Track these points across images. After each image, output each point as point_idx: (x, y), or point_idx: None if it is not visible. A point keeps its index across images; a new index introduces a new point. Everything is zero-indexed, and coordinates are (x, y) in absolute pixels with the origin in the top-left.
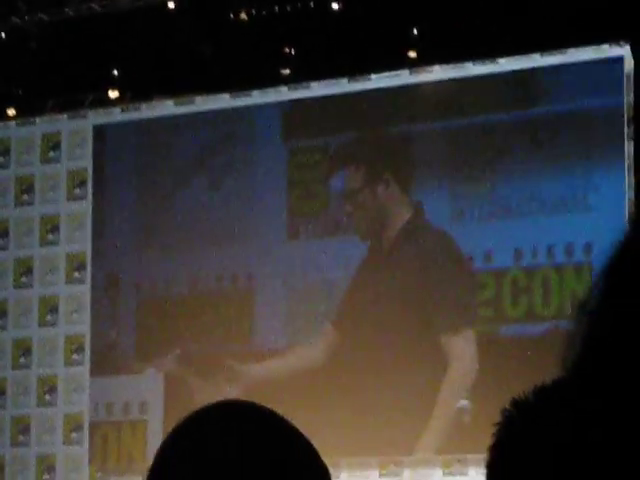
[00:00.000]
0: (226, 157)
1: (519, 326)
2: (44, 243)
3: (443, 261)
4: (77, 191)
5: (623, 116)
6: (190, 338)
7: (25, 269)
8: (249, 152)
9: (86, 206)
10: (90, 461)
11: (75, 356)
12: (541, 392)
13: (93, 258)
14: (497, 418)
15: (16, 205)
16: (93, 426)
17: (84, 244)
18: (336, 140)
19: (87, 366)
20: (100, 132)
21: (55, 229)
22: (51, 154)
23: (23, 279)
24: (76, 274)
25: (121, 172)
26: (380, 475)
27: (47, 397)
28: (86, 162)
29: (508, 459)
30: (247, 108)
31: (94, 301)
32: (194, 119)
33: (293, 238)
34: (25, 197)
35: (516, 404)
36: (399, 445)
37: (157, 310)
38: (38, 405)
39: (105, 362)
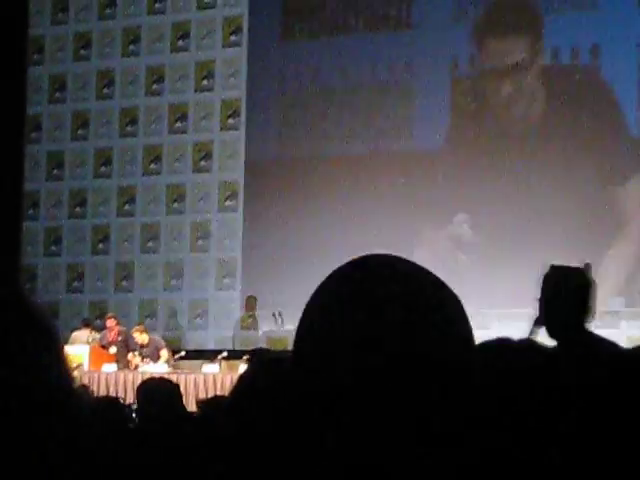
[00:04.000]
0: None
1: None
2: (199, 89)
3: None
4: (232, 38)
5: None
6: None
7: (180, 114)
8: None
9: (240, 52)
10: None
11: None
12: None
13: (247, 105)
14: None
15: (172, 51)
16: None
17: (239, 91)
18: None
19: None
20: None
21: (210, 75)
22: (207, 1)
23: (178, 124)
24: (230, 120)
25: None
26: None
27: None
28: (242, 8)
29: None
30: None
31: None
32: None
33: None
34: (180, 43)
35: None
36: None
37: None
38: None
39: None
